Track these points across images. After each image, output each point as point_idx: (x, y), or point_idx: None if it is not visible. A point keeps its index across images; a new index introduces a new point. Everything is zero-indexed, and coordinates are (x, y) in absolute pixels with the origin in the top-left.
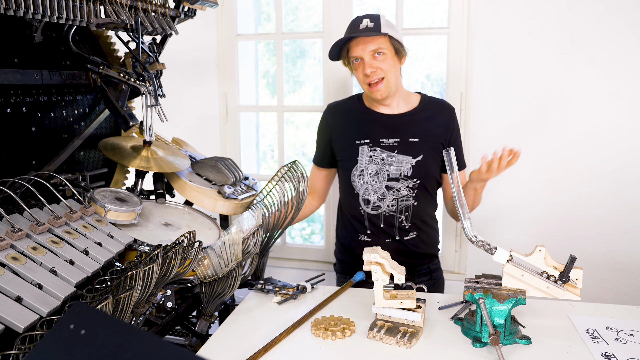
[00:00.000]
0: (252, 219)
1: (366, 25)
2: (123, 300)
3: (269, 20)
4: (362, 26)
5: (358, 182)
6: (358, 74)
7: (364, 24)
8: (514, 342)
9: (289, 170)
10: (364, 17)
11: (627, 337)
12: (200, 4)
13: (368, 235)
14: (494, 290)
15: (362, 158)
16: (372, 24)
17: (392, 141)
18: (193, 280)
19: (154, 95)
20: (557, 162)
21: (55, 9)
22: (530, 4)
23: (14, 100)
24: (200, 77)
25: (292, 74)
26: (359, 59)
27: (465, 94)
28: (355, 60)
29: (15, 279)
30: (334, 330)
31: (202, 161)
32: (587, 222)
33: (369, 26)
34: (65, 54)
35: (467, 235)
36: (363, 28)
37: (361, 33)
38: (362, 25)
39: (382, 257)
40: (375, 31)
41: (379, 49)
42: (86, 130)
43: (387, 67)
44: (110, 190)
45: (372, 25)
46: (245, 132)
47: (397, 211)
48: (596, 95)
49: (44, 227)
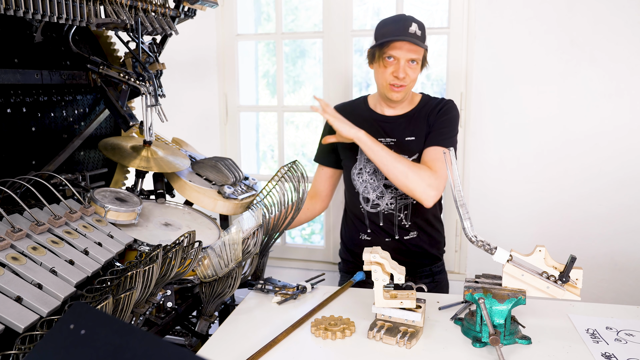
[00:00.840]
0: (252, 219)
1: (414, 31)
2: (123, 300)
3: (269, 20)
4: (411, 30)
5: (357, 180)
6: (385, 72)
7: (412, 29)
8: (514, 342)
9: (289, 170)
10: (412, 21)
11: (627, 337)
12: (200, 4)
13: (368, 234)
14: (494, 290)
15: (361, 156)
16: (420, 32)
17: (389, 140)
18: (193, 280)
19: (154, 95)
20: (557, 161)
21: (55, 9)
22: (530, 4)
23: (14, 100)
24: (200, 77)
25: (292, 74)
26: (393, 58)
27: (465, 94)
28: (389, 57)
29: (15, 279)
30: (334, 330)
31: (202, 161)
32: (587, 222)
33: (417, 33)
34: (65, 54)
35: (467, 235)
36: (412, 33)
37: (411, 38)
38: (412, 29)
39: (382, 257)
40: (422, 41)
41: (417, 58)
42: (86, 130)
43: (414, 77)
44: (110, 190)
45: (419, 34)
46: (245, 132)
47: (396, 209)
48: (596, 95)
49: (44, 227)
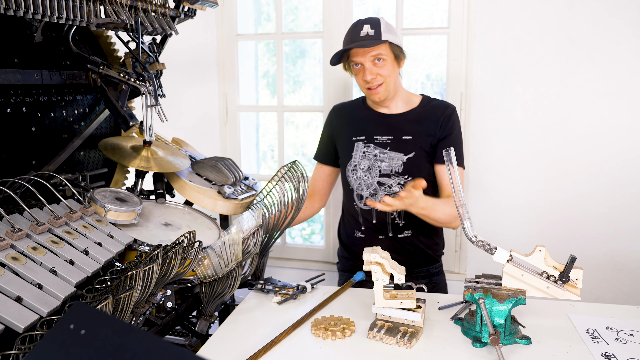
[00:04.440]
0: (252, 219)
1: (367, 32)
2: (123, 300)
3: (269, 20)
4: (362, 33)
5: (352, 177)
6: (358, 79)
7: (364, 31)
8: (514, 342)
9: (289, 170)
10: (364, 23)
11: (627, 337)
12: (200, 4)
13: (362, 232)
14: (494, 290)
15: (356, 154)
16: (373, 30)
17: (386, 138)
18: (193, 280)
19: (154, 95)
20: (557, 161)
21: (55, 9)
22: (530, 5)
23: (14, 100)
24: (200, 77)
25: (292, 74)
26: (359, 64)
27: (465, 94)
28: (356, 65)
29: (15, 279)
30: (334, 330)
31: (202, 161)
32: (587, 222)
33: (369, 33)
34: (65, 54)
35: (467, 235)
36: (364, 35)
37: (362, 42)
38: (363, 32)
39: (382, 257)
40: (376, 39)
41: (379, 55)
42: (86, 130)
43: (387, 73)
44: (110, 190)
45: (372, 32)
46: (245, 132)
47: None
48: (596, 95)
49: (44, 227)
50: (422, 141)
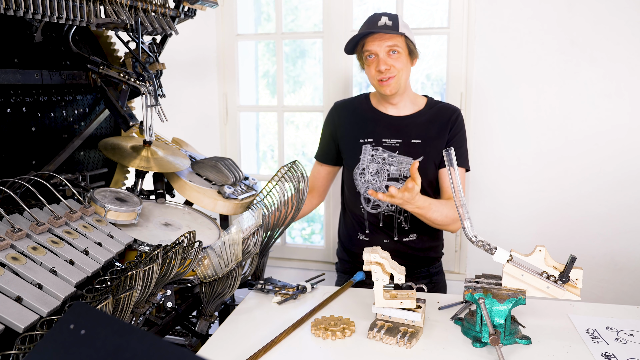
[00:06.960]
0: (252, 218)
1: (384, 23)
2: (123, 300)
3: (269, 20)
4: (380, 23)
5: (359, 180)
6: (370, 70)
7: (382, 21)
8: (514, 342)
9: (289, 170)
10: (382, 15)
11: (627, 337)
12: (200, 4)
13: (366, 235)
14: (494, 290)
15: (364, 157)
16: (391, 22)
17: (395, 141)
18: (193, 280)
19: (154, 95)
20: (557, 161)
21: (55, 9)
22: (530, 4)
23: (14, 100)
24: (200, 77)
25: (292, 74)
26: (373, 55)
27: (465, 94)
28: (370, 56)
29: (15, 279)
30: (334, 330)
31: (202, 161)
32: (587, 222)
33: (387, 24)
34: (65, 54)
35: (467, 235)
36: (382, 25)
37: (379, 29)
38: (381, 22)
39: (382, 257)
40: (394, 29)
41: (395, 46)
42: (86, 130)
43: (400, 66)
44: (110, 190)
45: (390, 24)
46: (245, 132)
47: (397, 211)
48: (596, 95)
49: (44, 227)
50: (430, 145)
